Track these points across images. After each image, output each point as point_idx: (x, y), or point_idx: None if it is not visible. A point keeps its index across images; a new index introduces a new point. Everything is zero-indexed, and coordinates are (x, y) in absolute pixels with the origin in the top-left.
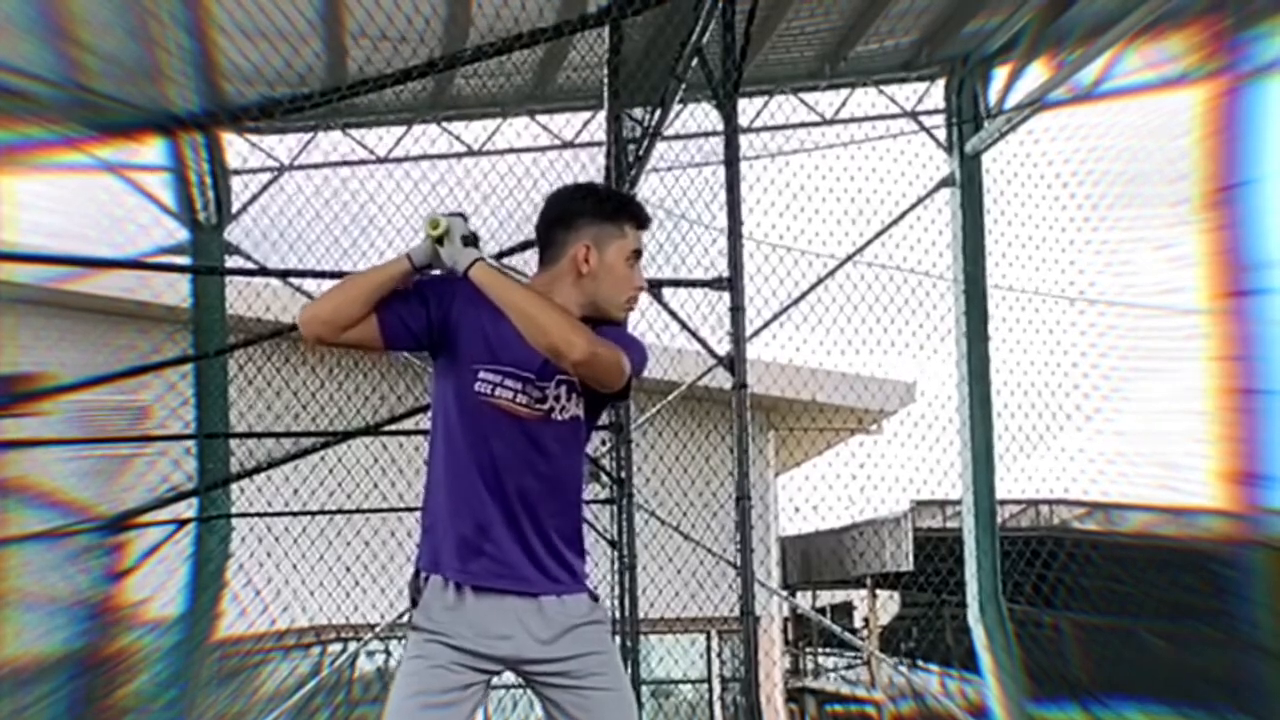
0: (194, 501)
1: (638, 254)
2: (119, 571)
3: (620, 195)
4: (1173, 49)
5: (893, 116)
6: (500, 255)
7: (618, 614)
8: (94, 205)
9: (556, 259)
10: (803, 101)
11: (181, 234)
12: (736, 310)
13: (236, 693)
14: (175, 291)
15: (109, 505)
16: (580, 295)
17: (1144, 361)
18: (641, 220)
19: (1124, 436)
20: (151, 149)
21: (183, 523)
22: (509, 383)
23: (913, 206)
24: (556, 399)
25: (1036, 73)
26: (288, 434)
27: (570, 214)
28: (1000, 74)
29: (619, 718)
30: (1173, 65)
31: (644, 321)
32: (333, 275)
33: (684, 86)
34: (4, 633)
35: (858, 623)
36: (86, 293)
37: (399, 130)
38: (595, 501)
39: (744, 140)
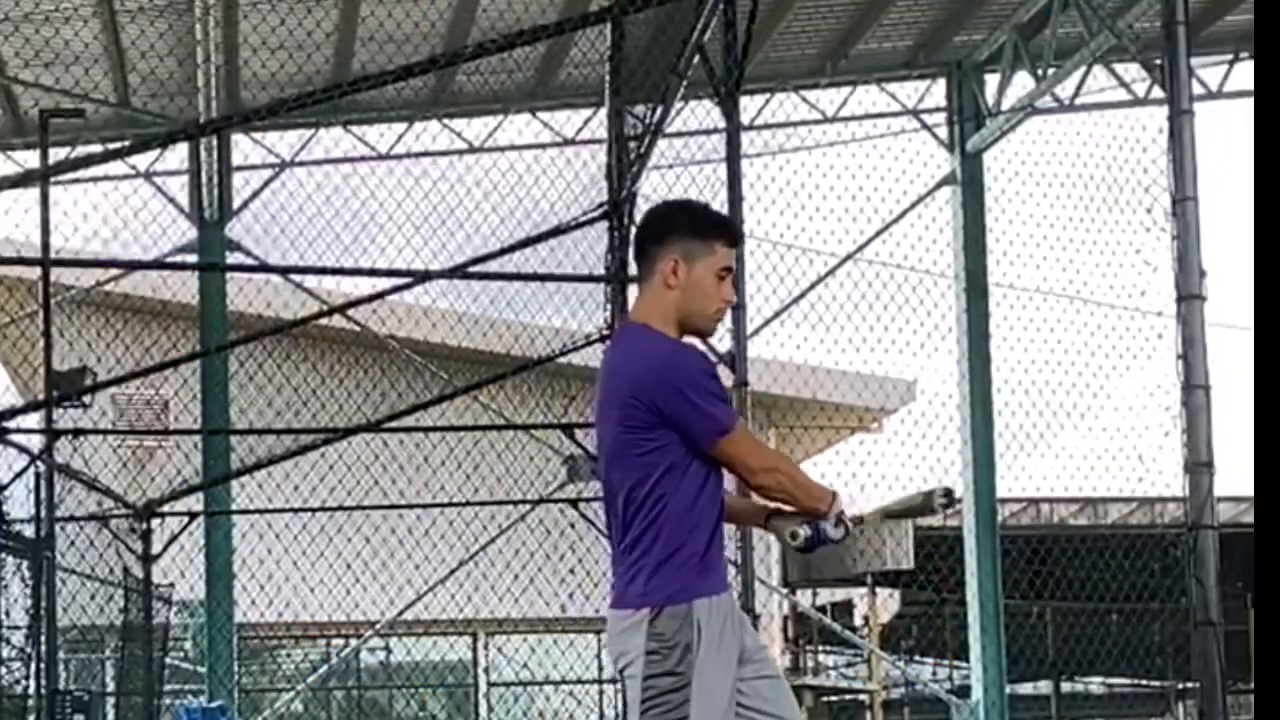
0: (200, 496)
1: (729, 270)
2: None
3: (712, 213)
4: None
5: (894, 114)
6: (500, 253)
7: None
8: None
9: (651, 273)
10: (804, 99)
11: (193, 233)
12: (737, 308)
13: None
14: (188, 289)
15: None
16: (671, 308)
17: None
18: (733, 238)
19: (1106, 432)
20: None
21: (192, 516)
22: None
23: (914, 204)
24: None
25: (1021, 82)
26: (289, 430)
27: (662, 230)
28: (991, 80)
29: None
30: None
31: None
32: (333, 272)
33: (685, 84)
34: None
35: (858, 621)
36: (122, 292)
37: (400, 127)
38: (595, 499)
39: (745, 138)
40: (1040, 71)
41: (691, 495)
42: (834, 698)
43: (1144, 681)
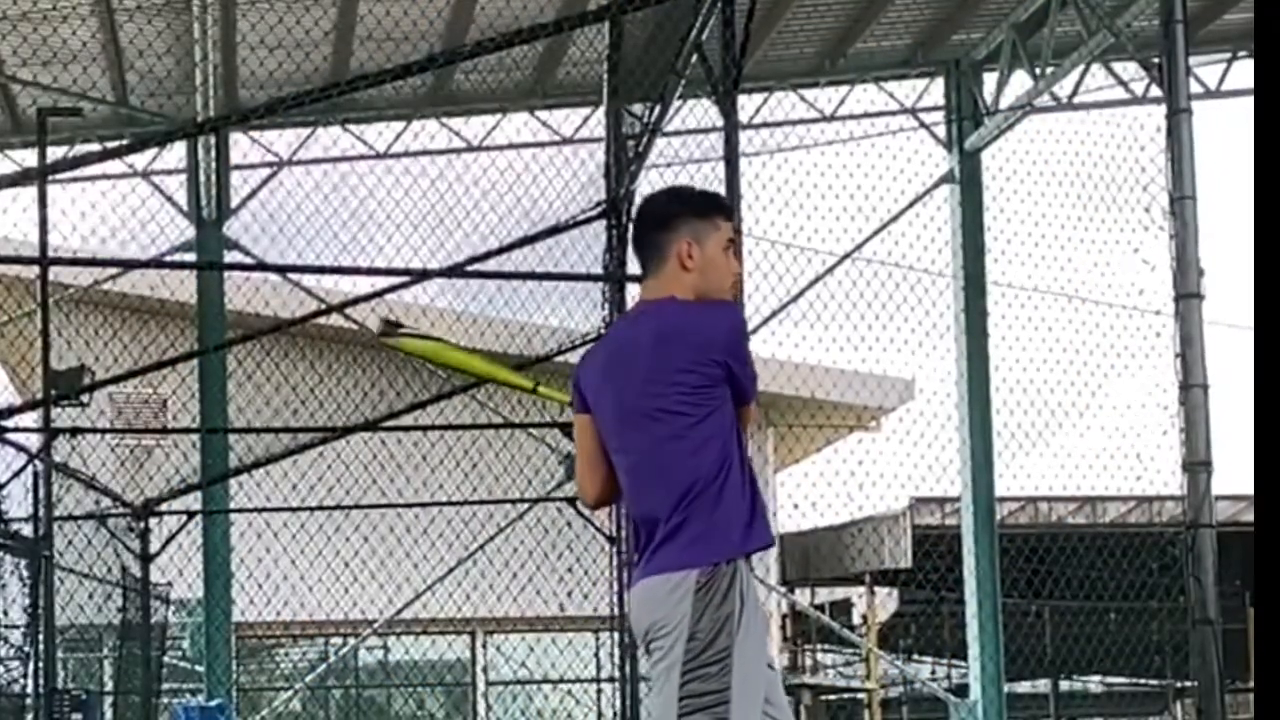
0: (198, 495)
1: (732, 242)
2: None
3: (706, 192)
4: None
5: (893, 113)
6: (499, 252)
7: (617, 610)
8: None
9: (665, 260)
10: (802, 98)
11: (191, 231)
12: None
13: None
14: (186, 288)
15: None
16: (689, 288)
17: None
18: (728, 212)
19: (1104, 431)
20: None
21: (190, 514)
22: None
23: (913, 203)
24: None
25: (1019, 81)
26: (287, 429)
27: (667, 216)
28: (989, 79)
29: None
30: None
31: None
32: (332, 270)
33: (684, 82)
34: None
35: (856, 620)
36: (120, 291)
37: (398, 125)
38: None
39: (743, 136)
40: (1038, 70)
41: (738, 452)
42: (832, 696)
43: (1142, 680)
